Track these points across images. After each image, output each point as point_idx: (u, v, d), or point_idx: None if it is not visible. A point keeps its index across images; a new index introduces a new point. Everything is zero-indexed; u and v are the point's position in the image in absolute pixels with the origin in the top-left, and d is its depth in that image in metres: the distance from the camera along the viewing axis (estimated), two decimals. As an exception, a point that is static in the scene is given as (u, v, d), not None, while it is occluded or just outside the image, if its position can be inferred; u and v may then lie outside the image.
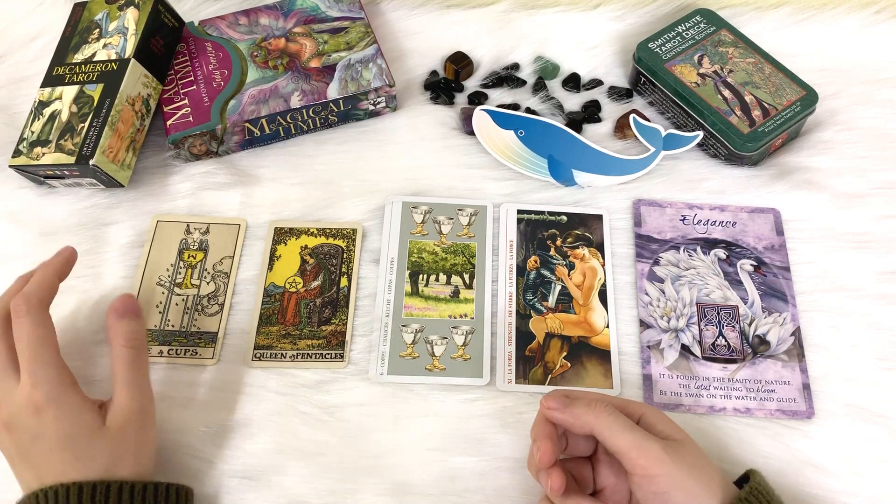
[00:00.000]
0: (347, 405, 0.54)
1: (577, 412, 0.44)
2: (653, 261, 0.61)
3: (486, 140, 0.65)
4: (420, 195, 0.64)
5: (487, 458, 0.52)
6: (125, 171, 0.61)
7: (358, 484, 0.51)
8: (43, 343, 0.46)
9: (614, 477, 0.47)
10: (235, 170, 0.65)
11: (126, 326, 0.49)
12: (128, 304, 0.50)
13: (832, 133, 0.66)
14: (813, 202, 0.63)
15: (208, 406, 0.54)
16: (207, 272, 0.59)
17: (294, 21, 0.69)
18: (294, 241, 0.61)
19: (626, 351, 0.57)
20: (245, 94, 0.64)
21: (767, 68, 0.66)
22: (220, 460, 0.52)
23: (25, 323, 0.46)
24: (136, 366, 0.48)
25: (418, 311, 0.58)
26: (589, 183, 0.64)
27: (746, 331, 0.57)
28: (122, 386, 0.47)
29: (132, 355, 0.48)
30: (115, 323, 0.49)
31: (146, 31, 0.63)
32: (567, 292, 0.59)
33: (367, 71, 0.65)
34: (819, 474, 0.51)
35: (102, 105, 0.60)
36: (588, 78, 0.72)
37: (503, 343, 0.57)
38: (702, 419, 0.54)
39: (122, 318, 0.49)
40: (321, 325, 0.57)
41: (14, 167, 0.61)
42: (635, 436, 0.43)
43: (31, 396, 0.44)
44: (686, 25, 0.69)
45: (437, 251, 0.61)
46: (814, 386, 0.55)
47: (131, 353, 0.48)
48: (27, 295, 0.47)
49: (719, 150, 0.65)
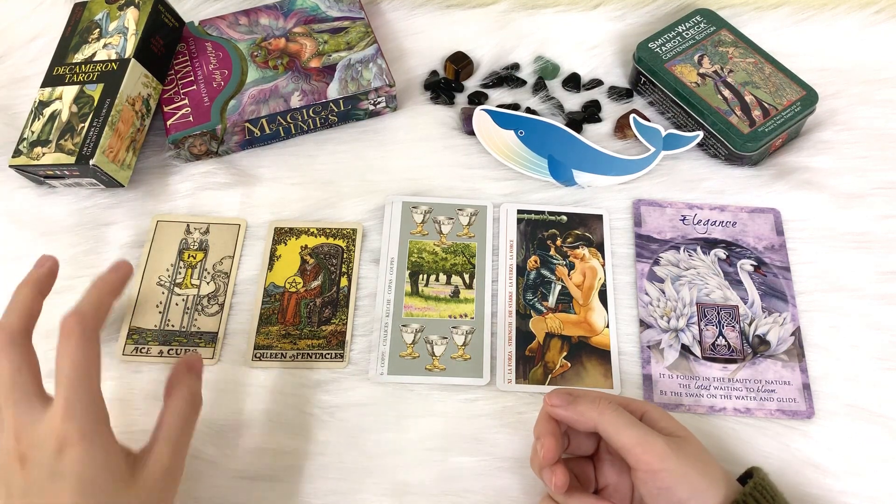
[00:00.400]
0: (347, 405, 0.54)
1: (580, 409, 0.44)
2: (653, 261, 0.61)
3: (486, 140, 0.65)
4: (420, 195, 0.64)
5: (487, 458, 0.52)
6: (125, 171, 0.61)
7: (358, 484, 0.51)
8: (88, 373, 0.41)
9: (616, 475, 0.47)
10: (235, 170, 0.65)
11: (193, 383, 0.46)
12: (198, 362, 0.47)
13: (832, 133, 0.66)
14: (813, 202, 0.63)
15: (208, 406, 0.53)
16: (207, 272, 0.59)
17: (294, 21, 0.69)
18: (294, 241, 0.61)
19: (626, 351, 0.57)
20: (245, 94, 0.64)
21: (767, 68, 0.66)
22: (221, 460, 0.52)
23: (74, 346, 0.40)
24: (188, 425, 0.45)
25: (418, 311, 0.58)
26: (589, 183, 0.64)
27: (746, 331, 0.57)
28: (166, 442, 0.43)
29: (190, 414, 0.45)
30: (183, 376, 0.46)
31: (146, 31, 0.63)
32: (567, 292, 0.59)
33: (367, 71, 0.65)
34: (819, 474, 0.51)
35: (102, 105, 0.60)
36: (588, 78, 0.72)
37: (503, 343, 0.57)
38: (702, 419, 0.54)
39: (189, 373, 0.46)
40: (321, 325, 0.57)
41: (14, 167, 0.61)
42: (639, 431, 0.43)
43: (60, 429, 0.39)
44: (686, 25, 0.69)
45: (437, 251, 0.61)
46: (814, 386, 0.55)
47: (189, 411, 0.45)
48: (83, 315, 0.42)
49: (719, 150, 0.65)
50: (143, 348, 0.56)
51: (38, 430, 0.39)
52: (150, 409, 0.53)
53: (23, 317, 0.43)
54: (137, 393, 0.54)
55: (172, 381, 0.46)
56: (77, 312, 0.42)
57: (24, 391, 0.40)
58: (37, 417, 0.40)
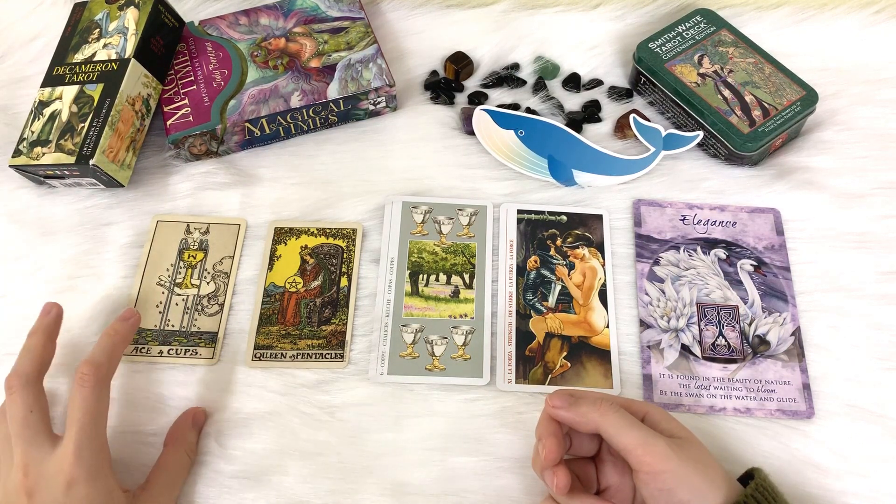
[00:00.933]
0: (347, 405, 0.54)
1: (582, 410, 0.44)
2: (653, 261, 0.61)
3: (486, 140, 0.65)
4: (420, 195, 0.64)
5: (487, 458, 0.52)
6: (125, 171, 0.61)
7: (358, 484, 0.51)
8: (97, 418, 0.45)
9: (618, 476, 0.47)
10: (235, 170, 0.65)
11: (193, 436, 0.51)
12: (202, 415, 0.52)
13: (832, 133, 0.66)
14: (813, 202, 0.63)
15: (208, 406, 0.54)
16: (207, 272, 0.59)
17: (294, 21, 0.69)
18: (294, 241, 0.61)
19: (626, 351, 0.57)
20: (245, 94, 0.64)
21: (767, 68, 0.66)
22: (220, 460, 0.52)
23: (88, 393, 0.45)
24: (182, 473, 0.49)
25: (418, 311, 0.58)
26: (589, 183, 0.64)
27: (746, 331, 0.57)
28: (163, 486, 0.47)
29: (186, 464, 0.49)
30: (187, 429, 0.51)
31: (146, 31, 0.63)
32: (567, 292, 0.59)
33: (367, 71, 0.65)
34: (819, 474, 0.51)
35: (102, 105, 0.60)
36: (588, 78, 0.72)
37: (503, 343, 0.57)
38: (702, 419, 0.54)
39: (193, 429, 0.51)
40: (321, 325, 0.57)
41: (14, 167, 0.61)
42: (641, 433, 0.43)
43: (70, 469, 0.43)
44: (686, 25, 0.69)
45: (437, 251, 0.61)
46: (814, 386, 0.55)
47: (186, 462, 0.49)
48: (97, 365, 0.46)
49: (719, 150, 0.65)
50: (143, 348, 0.56)
51: (46, 467, 0.43)
52: (151, 409, 0.53)
53: (35, 362, 0.48)
54: (138, 393, 0.54)
55: (176, 432, 0.50)
56: (91, 362, 0.46)
57: (35, 431, 0.45)
58: (45, 455, 0.44)
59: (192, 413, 0.52)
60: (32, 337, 0.49)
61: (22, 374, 0.47)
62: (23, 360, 0.48)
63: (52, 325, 0.50)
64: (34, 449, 0.44)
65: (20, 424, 0.45)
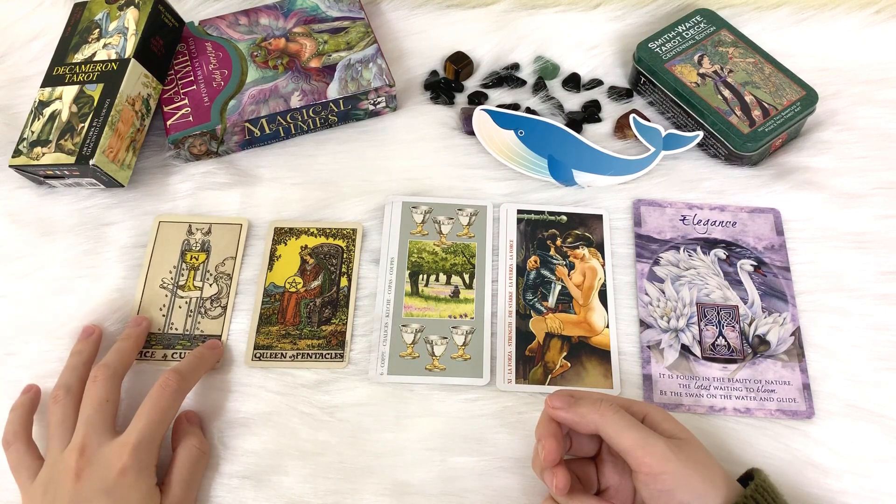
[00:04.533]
0: (347, 405, 0.54)
1: (582, 411, 0.44)
2: (653, 261, 0.61)
3: (486, 140, 0.65)
4: (420, 195, 0.64)
5: (487, 458, 0.52)
6: (125, 171, 0.61)
7: (358, 484, 0.51)
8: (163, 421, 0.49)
9: (618, 476, 0.47)
10: (235, 170, 0.65)
11: (195, 429, 0.52)
12: (194, 415, 0.53)
13: (832, 133, 0.66)
14: (813, 202, 0.63)
15: (209, 406, 0.54)
16: (210, 274, 0.59)
17: (294, 21, 0.69)
18: (294, 241, 0.61)
19: (626, 351, 0.57)
20: (245, 94, 0.64)
21: (767, 68, 0.66)
22: (220, 460, 0.52)
23: (168, 397, 0.49)
24: (198, 469, 0.50)
25: (418, 311, 0.58)
26: (589, 183, 0.64)
27: (746, 331, 0.57)
28: (180, 483, 0.48)
29: (199, 459, 0.50)
30: (193, 426, 0.52)
31: (146, 31, 0.63)
32: (567, 292, 0.59)
33: (367, 71, 0.65)
34: (819, 474, 0.51)
35: (102, 105, 0.60)
36: (588, 78, 0.72)
37: (503, 343, 0.57)
38: (702, 419, 0.54)
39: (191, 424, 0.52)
40: (321, 325, 0.57)
41: (14, 167, 0.61)
42: (640, 434, 0.43)
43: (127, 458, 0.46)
44: (686, 25, 0.69)
45: (437, 251, 0.61)
46: (814, 386, 0.55)
47: (199, 457, 0.50)
48: (182, 375, 0.51)
49: (719, 150, 0.65)
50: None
51: (104, 452, 0.47)
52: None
53: (123, 362, 0.52)
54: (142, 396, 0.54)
55: (177, 433, 0.51)
56: (178, 371, 0.51)
57: (104, 418, 0.48)
58: (105, 442, 0.47)
59: (183, 417, 0.52)
60: (126, 341, 0.54)
61: (111, 367, 0.51)
62: (113, 356, 0.52)
63: (141, 336, 0.55)
64: (97, 434, 0.47)
65: (94, 409, 0.48)
